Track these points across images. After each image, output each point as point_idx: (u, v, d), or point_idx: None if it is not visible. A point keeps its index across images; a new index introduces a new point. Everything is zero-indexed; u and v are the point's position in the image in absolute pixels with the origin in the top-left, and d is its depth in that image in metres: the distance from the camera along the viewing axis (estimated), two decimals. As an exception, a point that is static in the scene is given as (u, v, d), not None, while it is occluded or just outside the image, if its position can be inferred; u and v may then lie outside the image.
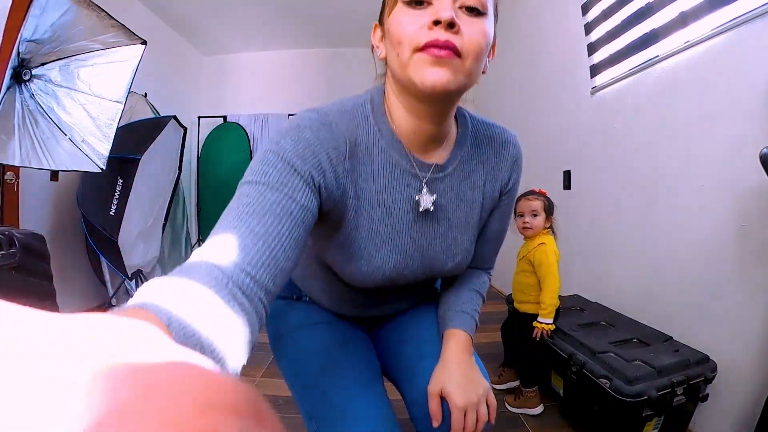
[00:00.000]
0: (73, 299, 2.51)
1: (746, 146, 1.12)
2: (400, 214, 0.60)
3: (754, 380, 1.11)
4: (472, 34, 0.49)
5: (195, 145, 3.98)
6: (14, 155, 1.38)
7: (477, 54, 0.50)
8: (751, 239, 1.14)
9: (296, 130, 0.50)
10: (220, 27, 3.59)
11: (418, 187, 0.59)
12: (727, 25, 1.18)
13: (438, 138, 0.59)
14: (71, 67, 1.58)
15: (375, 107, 0.58)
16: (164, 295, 0.31)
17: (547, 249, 1.44)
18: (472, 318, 0.70)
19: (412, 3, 0.50)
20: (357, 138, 0.55)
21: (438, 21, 0.47)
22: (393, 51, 0.52)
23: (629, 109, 1.65)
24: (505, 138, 0.67)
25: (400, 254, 0.61)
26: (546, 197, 1.50)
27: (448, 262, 0.65)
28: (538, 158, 2.50)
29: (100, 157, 1.62)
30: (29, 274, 0.95)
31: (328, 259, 0.62)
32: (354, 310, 0.74)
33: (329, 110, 0.55)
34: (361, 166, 0.56)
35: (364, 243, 0.58)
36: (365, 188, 0.57)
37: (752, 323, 1.12)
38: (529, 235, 1.50)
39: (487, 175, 0.65)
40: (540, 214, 1.47)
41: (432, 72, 0.48)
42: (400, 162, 0.58)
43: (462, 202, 0.64)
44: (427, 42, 0.48)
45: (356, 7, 3.20)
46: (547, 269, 1.42)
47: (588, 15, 1.89)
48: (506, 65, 3.06)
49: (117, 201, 2.18)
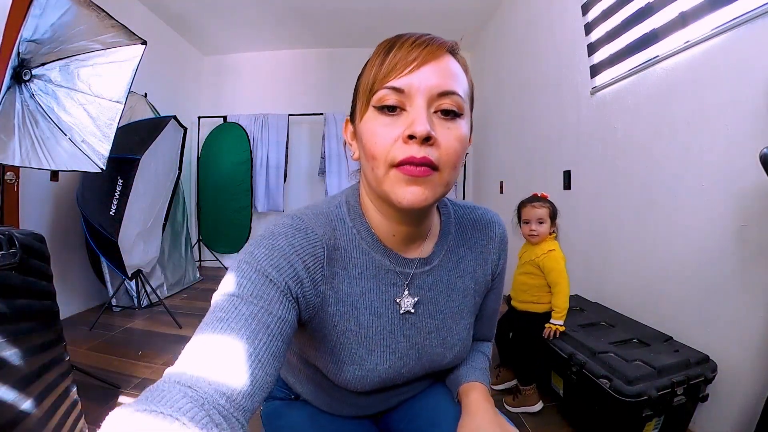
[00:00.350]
0: (73, 299, 2.51)
1: (746, 146, 1.12)
2: (389, 315, 0.58)
3: (754, 380, 1.11)
4: (449, 143, 0.47)
5: (195, 145, 3.98)
6: (14, 155, 1.38)
7: (455, 163, 0.48)
8: (751, 239, 1.14)
9: (270, 239, 0.48)
10: (221, 27, 3.59)
11: (406, 283, 0.58)
12: (726, 26, 1.18)
13: (419, 235, 0.58)
14: (71, 67, 1.57)
15: (351, 209, 0.57)
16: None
17: (557, 255, 1.49)
18: (484, 373, 0.68)
19: (384, 109, 0.48)
20: (336, 242, 0.54)
21: (413, 136, 0.45)
22: (367, 163, 0.50)
23: (629, 109, 1.65)
24: (488, 218, 0.66)
25: (394, 354, 0.58)
26: (551, 203, 1.55)
27: (447, 354, 0.63)
28: (538, 158, 2.51)
29: (100, 157, 1.62)
30: (29, 274, 0.94)
31: (319, 365, 0.60)
32: (356, 411, 0.69)
33: (304, 214, 0.53)
34: (342, 271, 0.54)
35: (354, 347, 0.56)
36: (349, 293, 0.55)
37: (752, 323, 1.12)
38: (535, 242, 1.54)
39: (476, 259, 0.64)
40: (546, 221, 1.52)
41: (409, 191, 0.47)
42: (383, 262, 0.57)
43: (453, 292, 0.62)
44: (402, 159, 0.46)
45: (356, 7, 3.20)
46: (558, 275, 1.47)
47: (588, 15, 1.89)
48: (506, 66, 3.06)
49: (117, 201, 2.18)
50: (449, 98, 0.48)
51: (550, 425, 1.38)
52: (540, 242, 1.53)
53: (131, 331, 2.26)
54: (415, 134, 0.45)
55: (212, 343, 0.39)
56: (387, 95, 0.47)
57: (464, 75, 0.51)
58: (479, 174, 3.81)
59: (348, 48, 3.90)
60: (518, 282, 1.60)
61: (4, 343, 0.82)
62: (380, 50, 0.50)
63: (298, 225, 0.51)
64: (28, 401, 0.86)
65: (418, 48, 0.47)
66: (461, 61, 0.52)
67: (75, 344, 1.95)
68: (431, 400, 0.71)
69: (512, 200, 2.99)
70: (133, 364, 1.81)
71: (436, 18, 3.33)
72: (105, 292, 2.57)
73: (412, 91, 0.46)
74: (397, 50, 0.48)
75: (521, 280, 1.58)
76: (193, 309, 2.68)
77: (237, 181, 3.90)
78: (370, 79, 0.49)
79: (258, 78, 4.14)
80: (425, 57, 0.47)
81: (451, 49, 0.50)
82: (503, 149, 3.14)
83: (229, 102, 4.11)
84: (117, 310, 2.57)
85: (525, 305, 1.56)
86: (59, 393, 0.99)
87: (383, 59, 0.48)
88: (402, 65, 0.47)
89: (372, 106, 0.49)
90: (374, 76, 0.48)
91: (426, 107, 0.47)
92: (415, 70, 0.46)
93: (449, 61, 0.49)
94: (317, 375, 0.64)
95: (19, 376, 0.85)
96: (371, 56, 0.51)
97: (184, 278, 3.25)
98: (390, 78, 0.47)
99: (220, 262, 3.96)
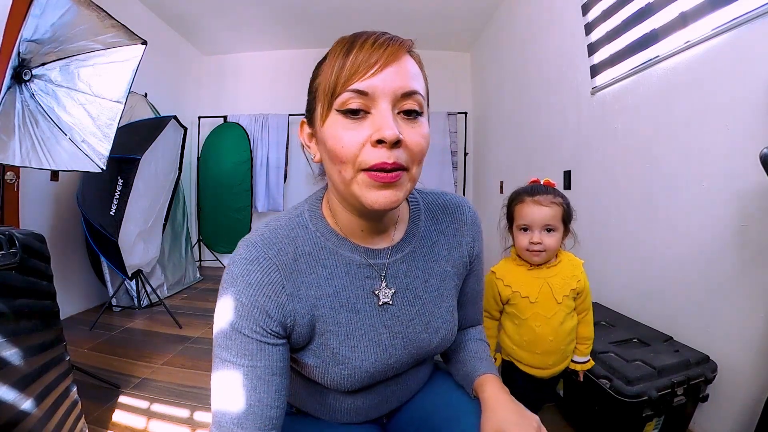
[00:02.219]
0: (74, 299, 2.51)
1: (746, 146, 1.12)
2: (367, 309, 0.58)
3: (754, 380, 1.11)
4: (415, 142, 0.49)
5: (195, 145, 3.98)
6: (14, 155, 1.38)
7: (421, 159, 0.51)
8: (751, 239, 1.14)
9: (233, 287, 0.51)
10: (221, 27, 3.59)
11: (382, 275, 0.59)
12: (727, 25, 1.18)
13: (388, 225, 0.60)
14: (71, 67, 1.57)
15: (312, 215, 0.58)
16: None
17: (584, 271, 1.04)
18: (491, 362, 0.69)
19: (347, 113, 0.47)
20: (295, 252, 0.55)
21: (382, 140, 0.46)
22: (333, 166, 0.50)
23: (630, 109, 1.64)
24: (457, 203, 0.67)
25: (378, 347, 0.58)
26: (562, 197, 1.02)
27: (433, 339, 0.62)
28: (539, 158, 2.51)
29: (100, 157, 1.62)
30: (30, 274, 0.95)
31: (306, 372, 0.60)
32: (357, 416, 0.68)
33: (260, 236, 0.54)
34: (308, 277, 0.55)
35: (336, 347, 0.56)
36: (320, 295, 0.55)
37: (752, 323, 1.12)
38: (539, 260, 0.99)
39: (450, 242, 0.65)
40: (557, 227, 0.98)
41: (380, 195, 0.48)
42: (352, 258, 0.58)
43: (430, 277, 0.63)
44: (374, 165, 0.46)
45: (356, 7, 3.20)
46: (588, 296, 1.04)
47: (588, 15, 1.89)
48: (507, 65, 3.06)
49: (117, 201, 2.18)
50: (412, 98, 0.49)
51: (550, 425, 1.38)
52: (546, 260, 1.00)
53: (131, 331, 2.26)
54: (384, 139, 0.45)
55: (225, 397, 0.49)
56: (350, 98, 0.47)
57: (421, 73, 0.52)
58: (479, 174, 3.81)
59: (348, 48, 3.89)
60: (538, 336, 0.99)
61: (4, 342, 0.82)
62: (338, 51, 0.49)
63: (251, 255, 0.52)
64: (29, 401, 0.86)
65: (379, 49, 0.47)
66: (417, 60, 0.53)
67: (75, 344, 1.95)
68: (443, 397, 0.70)
69: (512, 200, 3.00)
70: (133, 364, 1.81)
71: (436, 18, 3.33)
72: (105, 292, 2.57)
73: (377, 94, 0.47)
74: (358, 51, 0.47)
75: (540, 331, 0.99)
76: (194, 309, 2.68)
77: (237, 181, 3.90)
78: (331, 82, 0.48)
79: (258, 78, 4.14)
80: (387, 59, 0.47)
81: (409, 49, 0.51)
82: (503, 149, 3.14)
83: (229, 102, 4.11)
84: (117, 310, 2.57)
85: (558, 367, 1.04)
86: (59, 393, 0.99)
87: (343, 61, 0.47)
88: (364, 68, 0.46)
89: (335, 110, 0.48)
90: (335, 78, 0.48)
91: (390, 109, 0.47)
92: (378, 72, 0.46)
93: (408, 61, 0.50)
94: (309, 383, 0.64)
95: (20, 375, 0.85)
96: (327, 57, 0.51)
97: (185, 278, 3.25)
98: (352, 81, 0.47)
99: (220, 262, 3.96)
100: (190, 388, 1.59)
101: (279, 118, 3.92)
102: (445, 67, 3.97)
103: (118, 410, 1.41)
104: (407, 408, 0.72)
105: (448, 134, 3.87)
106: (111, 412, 1.39)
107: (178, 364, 1.83)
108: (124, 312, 2.57)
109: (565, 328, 0.99)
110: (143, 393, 1.54)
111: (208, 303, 2.81)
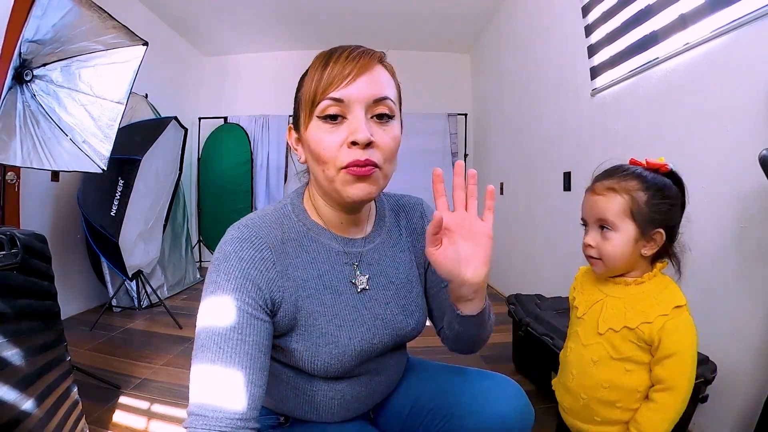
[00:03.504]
0: (74, 299, 2.51)
1: (746, 148, 1.12)
2: (348, 293, 0.64)
3: (754, 380, 1.11)
4: (385, 143, 0.56)
5: (196, 146, 3.98)
6: (15, 155, 1.38)
7: (392, 158, 0.58)
8: (751, 240, 1.14)
9: (225, 262, 0.54)
10: (221, 28, 3.59)
11: (355, 264, 0.65)
12: (726, 27, 1.18)
13: (362, 219, 0.68)
14: (73, 68, 1.58)
15: (294, 207, 0.64)
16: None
17: (686, 320, 0.68)
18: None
19: (327, 118, 0.54)
20: (282, 236, 0.60)
21: (356, 142, 0.53)
22: (317, 166, 0.57)
23: (629, 110, 1.65)
24: (413, 202, 0.77)
25: (362, 326, 0.63)
26: (641, 179, 0.72)
27: (409, 321, 0.68)
28: (539, 160, 2.51)
29: (101, 157, 1.63)
30: (31, 275, 0.95)
31: (295, 357, 0.60)
32: (346, 412, 0.69)
33: (250, 220, 0.59)
34: (294, 259, 0.60)
35: (324, 326, 0.60)
36: (306, 277, 0.60)
37: (752, 324, 1.13)
38: (597, 271, 0.76)
39: (411, 234, 0.74)
40: (617, 225, 0.70)
41: (356, 188, 0.55)
42: (332, 245, 0.64)
43: (399, 265, 0.70)
44: (349, 162, 0.53)
45: (356, 8, 3.21)
46: (681, 366, 0.67)
47: (588, 17, 1.89)
48: (507, 67, 3.07)
49: (118, 201, 2.18)
50: (383, 104, 0.55)
51: (550, 425, 1.38)
52: (611, 272, 0.74)
53: (131, 332, 2.26)
54: (357, 141, 0.52)
55: (208, 377, 0.48)
56: (329, 105, 0.54)
57: (392, 80, 0.59)
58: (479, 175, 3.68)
59: (348, 49, 3.90)
60: (567, 358, 0.80)
61: (5, 343, 0.82)
62: (317, 65, 0.56)
63: (243, 235, 0.56)
64: (29, 401, 0.86)
65: (352, 62, 0.54)
66: (389, 69, 0.60)
67: (76, 344, 1.95)
68: (423, 385, 0.74)
69: (512, 201, 3.01)
70: (133, 364, 1.81)
71: (436, 19, 3.33)
72: (105, 292, 2.57)
73: (351, 101, 0.53)
74: (334, 64, 0.54)
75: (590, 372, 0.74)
76: (194, 309, 2.68)
77: (237, 181, 3.90)
78: (311, 92, 0.55)
79: (259, 79, 4.14)
80: (359, 69, 0.54)
81: (380, 60, 0.58)
82: (503, 151, 3.15)
83: (229, 103, 4.12)
84: (117, 311, 2.57)
85: (576, 419, 0.79)
86: (60, 393, 0.99)
87: (321, 73, 0.54)
88: (339, 78, 0.53)
89: (316, 116, 0.55)
90: (315, 88, 0.55)
91: (364, 114, 0.54)
92: (352, 82, 0.53)
93: (380, 70, 0.57)
94: (296, 381, 0.65)
95: (20, 376, 0.85)
96: (308, 71, 0.58)
97: (185, 279, 3.25)
98: (330, 90, 0.53)
99: (220, 263, 3.95)
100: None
101: (279, 119, 3.92)
102: (445, 69, 3.98)
103: (118, 411, 1.41)
104: (391, 401, 0.76)
105: (448, 135, 3.88)
106: (111, 413, 1.39)
107: (178, 364, 1.83)
108: (124, 312, 2.57)
109: (600, 375, 0.72)
110: (143, 393, 1.54)
111: (208, 304, 2.80)
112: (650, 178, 0.72)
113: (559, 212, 2.23)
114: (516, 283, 2.74)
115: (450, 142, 3.87)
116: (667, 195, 0.70)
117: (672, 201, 0.70)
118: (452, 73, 4.02)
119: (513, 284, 2.77)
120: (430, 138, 3.78)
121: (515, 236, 2.85)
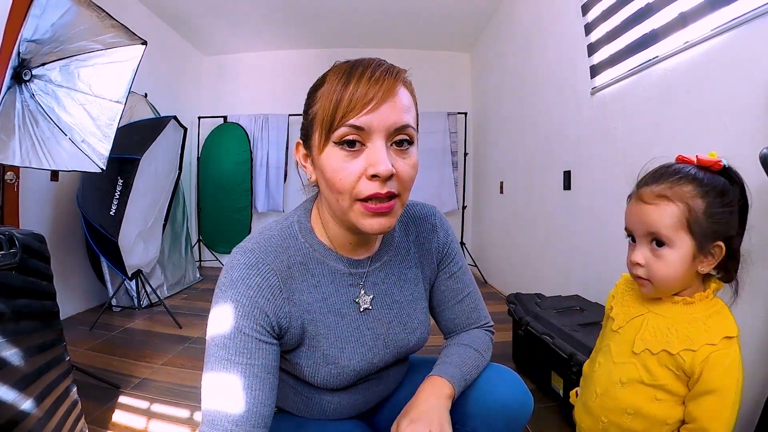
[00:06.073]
0: (73, 299, 2.51)
1: (746, 146, 1.12)
2: (351, 314, 0.63)
3: (754, 380, 1.11)
4: (406, 172, 0.54)
5: (195, 146, 3.98)
6: (14, 155, 1.38)
7: (410, 186, 0.56)
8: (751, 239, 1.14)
9: (232, 289, 0.53)
10: (221, 27, 3.59)
11: (360, 284, 0.64)
12: (727, 26, 1.18)
13: (370, 238, 0.65)
14: (71, 68, 1.57)
15: (301, 227, 0.62)
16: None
17: (732, 353, 0.63)
18: (458, 368, 0.66)
19: (344, 144, 0.51)
20: (288, 260, 0.59)
21: (377, 175, 0.50)
22: (331, 194, 0.54)
23: (629, 109, 1.65)
24: (425, 212, 0.73)
25: (363, 347, 0.63)
26: (697, 182, 0.62)
27: (410, 338, 0.68)
28: (539, 159, 2.51)
29: (100, 157, 1.62)
30: (29, 274, 0.94)
31: (296, 372, 0.64)
32: (342, 415, 0.70)
33: (256, 244, 0.58)
34: (300, 284, 0.59)
35: (326, 348, 0.61)
36: (311, 301, 0.60)
37: (752, 323, 1.12)
38: (645, 293, 0.67)
39: (420, 249, 0.71)
40: (673, 240, 0.61)
41: (375, 222, 0.53)
42: (337, 267, 0.62)
43: (405, 283, 0.69)
44: (368, 195, 0.51)
45: (356, 7, 3.20)
46: (720, 406, 0.61)
47: (588, 15, 1.89)
48: (506, 66, 3.06)
49: (117, 201, 2.18)
50: (404, 131, 0.53)
51: (550, 425, 1.38)
52: (657, 294, 0.66)
53: (131, 331, 2.26)
54: (379, 174, 0.50)
55: (219, 401, 0.51)
56: (347, 132, 0.51)
57: (413, 101, 0.56)
58: (479, 174, 3.80)
59: (348, 48, 3.89)
60: (593, 374, 0.73)
61: (4, 343, 0.82)
62: (335, 80, 0.52)
63: (250, 261, 0.56)
64: (29, 401, 0.86)
65: (375, 84, 0.50)
66: (409, 88, 0.57)
67: (75, 344, 1.95)
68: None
69: (512, 201, 3.01)
70: (132, 364, 1.81)
71: (437, 18, 3.33)
72: (105, 292, 2.57)
73: (372, 129, 0.50)
74: (356, 84, 0.50)
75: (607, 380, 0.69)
76: (193, 309, 2.68)
77: (237, 181, 3.90)
78: (329, 113, 0.51)
79: (258, 78, 4.14)
80: (383, 95, 0.50)
81: (403, 80, 0.55)
82: (503, 149, 3.14)
83: (229, 102, 4.11)
84: (117, 310, 2.57)
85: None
86: (59, 393, 0.99)
87: (341, 94, 0.50)
88: (361, 104, 0.50)
89: (332, 142, 0.52)
90: (333, 111, 0.51)
91: (384, 143, 0.51)
92: (375, 109, 0.50)
93: (402, 93, 0.54)
94: (297, 383, 0.67)
95: (20, 376, 0.85)
96: (324, 84, 0.55)
97: (184, 278, 3.25)
98: (350, 116, 0.50)
99: (219, 262, 3.95)
100: (190, 389, 1.59)
101: (279, 118, 3.92)
102: (445, 68, 3.97)
103: (118, 410, 1.41)
104: (389, 402, 0.76)
105: (448, 134, 3.87)
106: (111, 413, 1.39)
107: (178, 364, 1.83)
108: (124, 312, 2.57)
109: (627, 398, 0.64)
110: (143, 393, 1.54)
111: (208, 303, 2.78)
112: (707, 180, 0.60)
113: (559, 211, 2.23)
114: (516, 282, 2.73)
115: (450, 141, 3.86)
116: (728, 201, 0.61)
117: (733, 207, 0.62)
118: (452, 72, 4.01)
119: (513, 283, 2.77)
120: (430, 137, 3.78)
121: (515, 235, 2.85)
